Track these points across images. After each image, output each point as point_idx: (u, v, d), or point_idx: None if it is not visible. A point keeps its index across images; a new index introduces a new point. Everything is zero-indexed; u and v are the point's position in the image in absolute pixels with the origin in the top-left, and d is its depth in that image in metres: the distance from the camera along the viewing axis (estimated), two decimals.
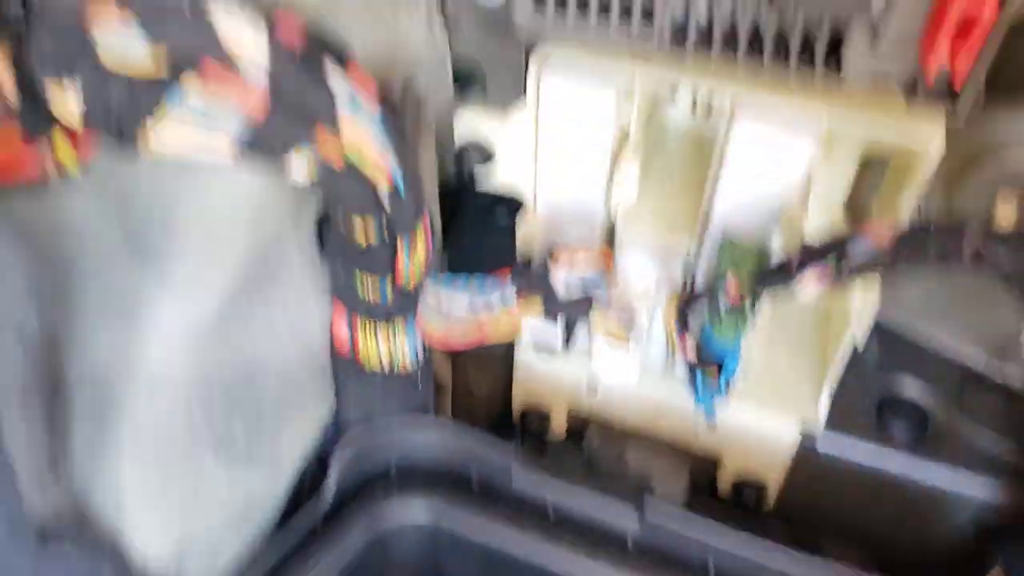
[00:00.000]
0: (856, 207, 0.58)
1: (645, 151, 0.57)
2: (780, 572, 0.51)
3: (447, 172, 0.58)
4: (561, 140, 0.53)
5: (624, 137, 0.54)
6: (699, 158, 0.56)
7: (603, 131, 0.52)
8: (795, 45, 0.43)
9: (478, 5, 0.49)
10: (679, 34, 0.43)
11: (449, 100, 0.53)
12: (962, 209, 0.56)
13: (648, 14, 0.43)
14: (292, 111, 0.38)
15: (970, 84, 0.41)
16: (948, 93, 0.42)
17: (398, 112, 0.44)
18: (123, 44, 0.34)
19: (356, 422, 0.53)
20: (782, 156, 0.50)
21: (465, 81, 0.54)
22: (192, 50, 0.34)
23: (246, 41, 0.36)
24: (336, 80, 0.38)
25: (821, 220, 0.57)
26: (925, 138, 0.47)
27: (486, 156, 0.55)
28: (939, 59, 0.40)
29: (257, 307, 0.45)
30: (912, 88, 0.43)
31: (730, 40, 0.43)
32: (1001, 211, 0.59)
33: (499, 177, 0.56)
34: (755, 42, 0.43)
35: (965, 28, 0.39)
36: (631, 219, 0.55)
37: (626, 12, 0.43)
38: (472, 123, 0.55)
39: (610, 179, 0.54)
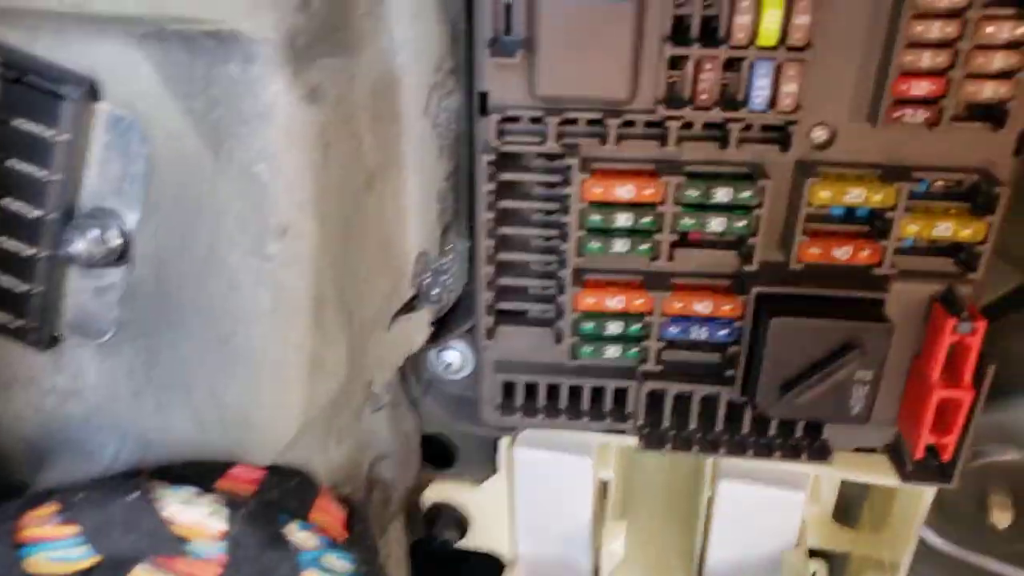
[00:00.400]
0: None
1: (629, 499, 0.55)
2: None
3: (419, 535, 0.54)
4: (539, 505, 0.51)
5: (605, 491, 0.52)
6: (689, 501, 0.53)
7: (582, 494, 0.49)
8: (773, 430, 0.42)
9: (445, 392, 0.48)
10: (656, 420, 0.42)
11: (417, 475, 0.50)
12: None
13: (620, 401, 0.42)
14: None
15: (959, 455, 0.40)
16: (938, 467, 0.41)
17: (367, 524, 0.42)
18: (61, 555, 0.31)
19: None
20: (773, 510, 0.48)
21: (437, 453, 0.52)
22: (140, 551, 0.32)
23: (202, 526, 0.33)
24: (299, 536, 0.36)
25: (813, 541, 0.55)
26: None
27: (461, 526, 0.52)
28: (923, 439, 0.39)
29: None
30: (899, 458, 0.42)
31: (708, 426, 0.42)
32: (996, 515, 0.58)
33: (477, 540, 0.54)
34: (734, 422, 0.42)
35: (946, 411, 0.39)
36: None
37: (597, 402, 0.42)
38: (445, 490, 0.52)
39: (593, 535, 0.52)
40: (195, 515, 0.33)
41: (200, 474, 0.36)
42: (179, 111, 0.32)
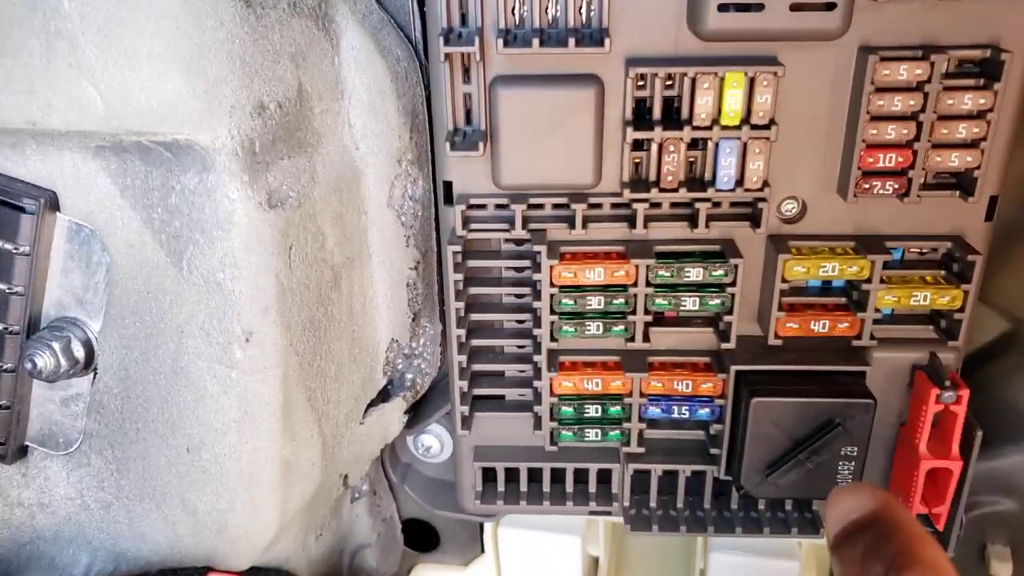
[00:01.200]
0: None
1: (620, 574, 0.54)
2: None
3: None
4: None
5: (595, 567, 0.51)
6: (681, 574, 0.52)
7: (571, 572, 0.48)
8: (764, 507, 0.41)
9: (424, 476, 0.47)
10: (642, 501, 0.41)
11: (398, 564, 0.49)
12: None
13: (605, 482, 0.41)
14: None
15: (953, 523, 0.39)
16: (934, 535, 0.40)
17: None
18: None
19: None
20: None
21: (420, 535, 0.51)
22: None
23: None
24: None
25: None
26: None
27: None
28: (915, 510, 0.38)
29: None
30: None
31: (695, 504, 0.41)
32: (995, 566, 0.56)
33: None
34: (721, 499, 0.41)
35: (937, 480, 0.38)
36: None
37: (580, 484, 0.41)
38: (431, 573, 0.51)
39: None
40: None
41: None
42: (138, 221, 0.32)
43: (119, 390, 0.34)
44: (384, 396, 0.41)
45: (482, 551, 0.50)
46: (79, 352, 0.34)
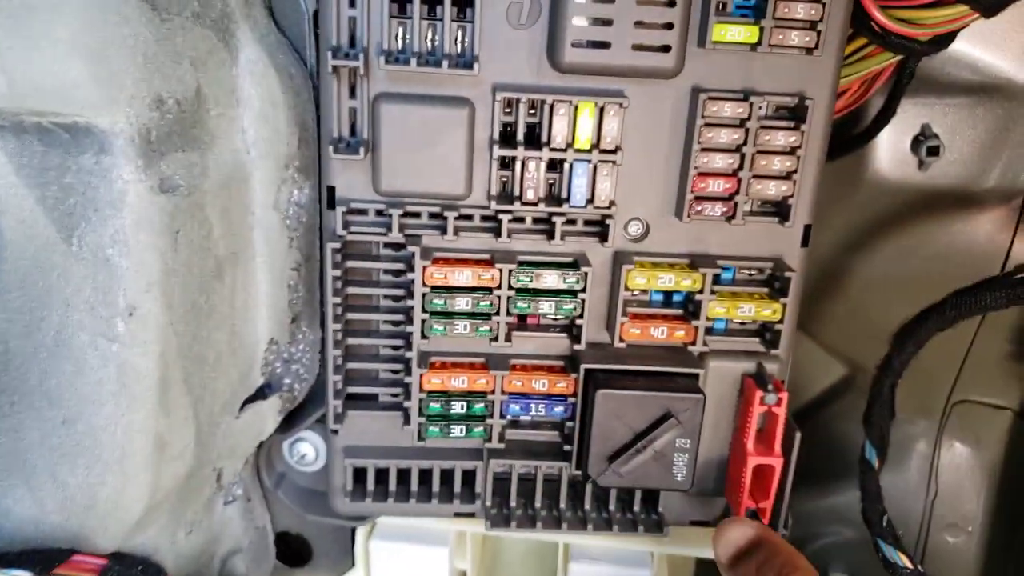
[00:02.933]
0: None
1: None
2: None
3: None
4: None
5: None
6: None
7: None
8: (613, 501, 0.44)
9: (298, 485, 0.48)
10: (502, 500, 0.44)
11: (270, 573, 0.50)
12: None
13: (469, 483, 0.44)
14: None
15: (779, 518, 0.43)
16: None
17: None
18: None
19: None
20: None
21: (292, 551, 0.52)
22: None
23: None
24: None
25: None
26: None
27: None
28: (744, 504, 0.42)
29: None
30: None
31: (552, 504, 0.44)
32: None
33: None
34: (576, 499, 0.44)
35: (762, 478, 0.42)
36: None
37: (447, 485, 0.44)
38: None
39: None
40: None
41: (38, 561, 0.35)
42: (32, 199, 0.34)
43: None
44: (260, 396, 0.43)
45: (353, 564, 0.51)
46: None
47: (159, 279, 0.34)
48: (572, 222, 0.40)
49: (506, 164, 0.39)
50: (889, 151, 0.52)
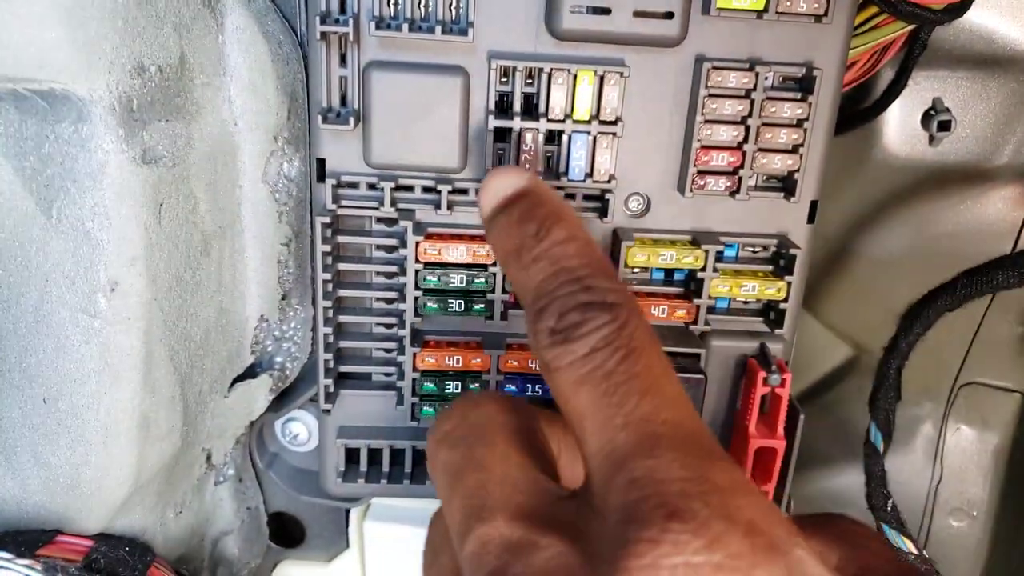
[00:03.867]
0: None
1: None
2: None
3: None
4: None
5: None
6: None
7: None
8: None
9: (290, 465, 0.47)
10: None
11: (262, 556, 0.49)
12: None
13: None
14: None
15: (780, 504, 0.42)
16: None
17: None
18: None
19: None
20: None
21: (285, 532, 0.51)
22: None
23: None
24: None
25: None
26: None
27: None
28: None
29: None
30: None
31: None
32: None
33: None
34: None
35: (764, 461, 0.41)
36: None
37: None
38: (295, 569, 0.51)
39: None
40: None
41: (21, 543, 0.35)
42: (8, 170, 0.32)
43: None
44: (252, 374, 0.42)
45: (347, 546, 0.50)
46: None
47: (142, 253, 0.33)
48: (571, 197, 0.39)
49: (501, 136, 0.38)
50: (899, 126, 0.51)
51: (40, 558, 0.33)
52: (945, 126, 0.49)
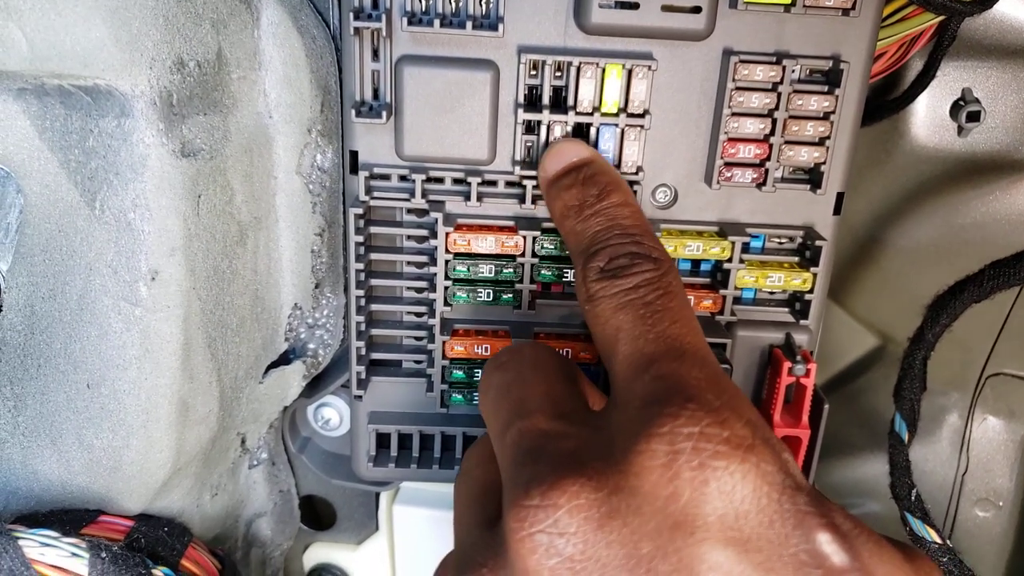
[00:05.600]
0: None
1: None
2: None
3: None
4: (420, 563, 0.51)
5: None
6: None
7: None
8: None
9: (322, 450, 0.49)
10: None
11: (293, 537, 0.50)
12: None
13: None
14: None
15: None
16: None
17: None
18: None
19: None
20: None
21: (316, 515, 0.52)
22: None
23: (63, 569, 0.33)
24: None
25: None
26: None
27: None
28: None
29: None
30: None
31: None
32: None
33: None
34: None
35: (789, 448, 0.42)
36: None
37: None
38: (326, 551, 0.53)
39: None
40: (55, 557, 0.33)
41: (66, 521, 0.36)
42: (55, 163, 0.34)
43: (23, 327, 0.35)
44: (284, 361, 0.43)
45: (376, 529, 0.51)
46: None
47: (181, 244, 0.34)
48: None
49: (531, 128, 0.38)
50: (927, 116, 0.51)
51: (84, 536, 0.35)
52: (974, 117, 0.49)
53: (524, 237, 0.39)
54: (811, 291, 0.41)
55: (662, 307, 0.29)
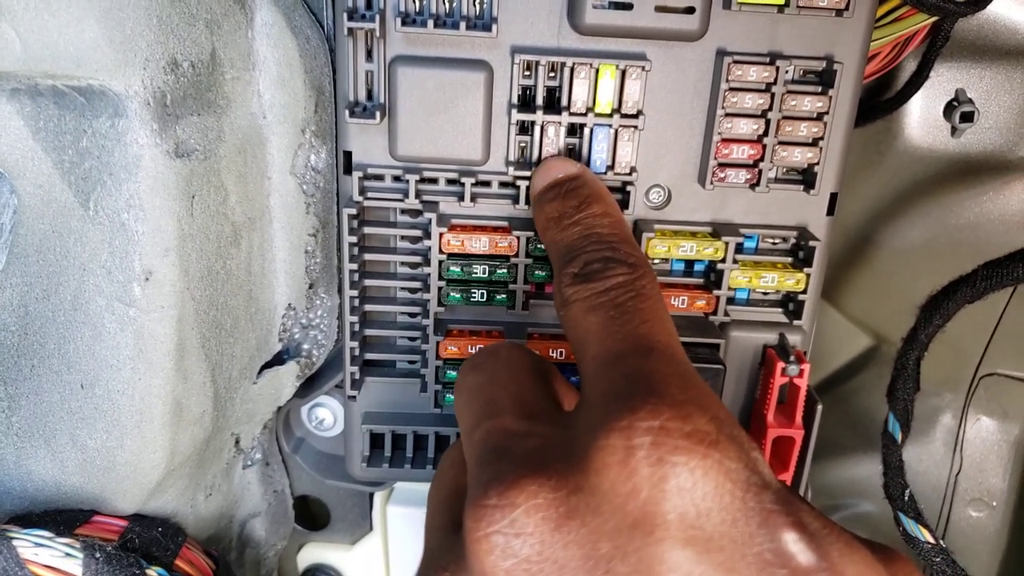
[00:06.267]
0: None
1: None
2: None
3: None
4: (414, 563, 0.51)
5: None
6: None
7: None
8: None
9: (316, 450, 0.49)
10: None
11: (287, 538, 0.50)
12: None
13: None
14: None
15: (797, 492, 0.43)
16: None
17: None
18: None
19: None
20: None
21: (311, 515, 0.52)
22: None
23: (57, 569, 0.33)
24: None
25: None
26: None
27: None
28: None
29: None
30: None
31: None
32: None
33: None
34: None
35: (782, 450, 0.42)
36: None
37: None
38: (320, 552, 0.53)
39: None
40: (48, 558, 0.33)
41: (60, 522, 0.36)
42: (49, 163, 0.34)
43: (17, 327, 0.35)
44: (280, 361, 0.43)
45: (371, 529, 0.51)
46: None
47: (175, 244, 0.34)
48: None
49: (525, 129, 0.38)
50: (921, 117, 0.51)
51: (79, 537, 0.35)
52: (968, 117, 0.49)
53: (518, 238, 0.39)
54: (804, 291, 0.41)
55: (633, 308, 0.29)
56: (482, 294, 0.40)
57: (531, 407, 0.29)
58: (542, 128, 0.38)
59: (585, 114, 0.38)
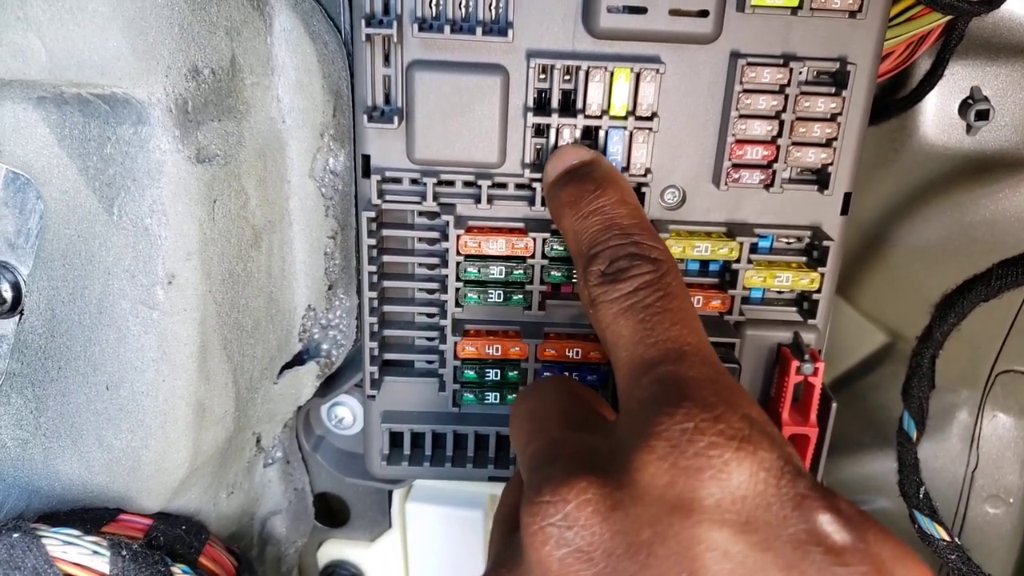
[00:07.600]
0: None
1: None
2: None
3: None
4: (433, 559, 0.52)
5: None
6: None
7: (474, 547, 0.51)
8: None
9: (335, 448, 0.49)
10: None
11: (308, 535, 0.51)
12: None
13: (503, 448, 0.44)
14: None
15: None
16: None
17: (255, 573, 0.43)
18: None
19: None
20: None
21: (330, 512, 0.53)
22: None
23: (85, 567, 0.34)
24: None
25: None
26: None
27: None
28: None
29: None
30: None
31: None
32: None
33: None
34: None
35: (796, 448, 0.42)
36: None
37: (481, 450, 0.44)
38: (339, 548, 0.53)
39: None
40: (77, 555, 0.33)
41: (87, 520, 0.37)
42: (74, 169, 0.34)
43: (44, 330, 0.36)
44: (298, 361, 0.44)
45: (390, 526, 0.52)
46: (7, 294, 0.36)
47: (197, 248, 0.35)
48: None
49: (540, 132, 0.39)
50: (936, 115, 0.51)
51: (105, 535, 0.35)
52: (983, 115, 0.49)
53: (534, 239, 0.40)
54: (819, 291, 0.41)
55: (662, 309, 0.30)
56: (499, 295, 0.41)
57: (575, 420, 0.32)
58: (557, 130, 0.38)
59: (600, 116, 0.38)
